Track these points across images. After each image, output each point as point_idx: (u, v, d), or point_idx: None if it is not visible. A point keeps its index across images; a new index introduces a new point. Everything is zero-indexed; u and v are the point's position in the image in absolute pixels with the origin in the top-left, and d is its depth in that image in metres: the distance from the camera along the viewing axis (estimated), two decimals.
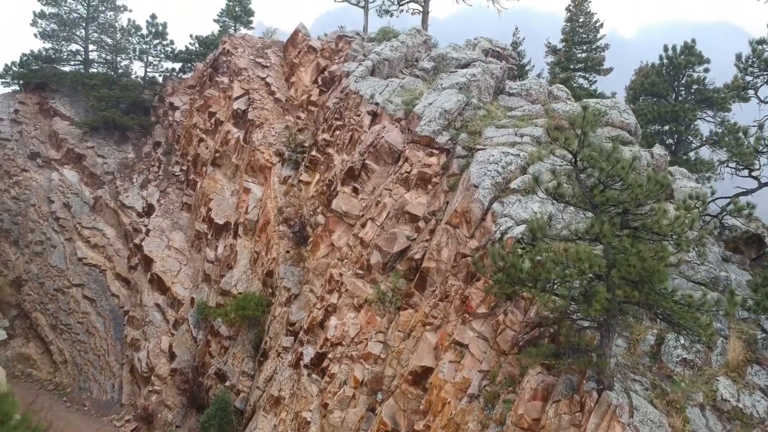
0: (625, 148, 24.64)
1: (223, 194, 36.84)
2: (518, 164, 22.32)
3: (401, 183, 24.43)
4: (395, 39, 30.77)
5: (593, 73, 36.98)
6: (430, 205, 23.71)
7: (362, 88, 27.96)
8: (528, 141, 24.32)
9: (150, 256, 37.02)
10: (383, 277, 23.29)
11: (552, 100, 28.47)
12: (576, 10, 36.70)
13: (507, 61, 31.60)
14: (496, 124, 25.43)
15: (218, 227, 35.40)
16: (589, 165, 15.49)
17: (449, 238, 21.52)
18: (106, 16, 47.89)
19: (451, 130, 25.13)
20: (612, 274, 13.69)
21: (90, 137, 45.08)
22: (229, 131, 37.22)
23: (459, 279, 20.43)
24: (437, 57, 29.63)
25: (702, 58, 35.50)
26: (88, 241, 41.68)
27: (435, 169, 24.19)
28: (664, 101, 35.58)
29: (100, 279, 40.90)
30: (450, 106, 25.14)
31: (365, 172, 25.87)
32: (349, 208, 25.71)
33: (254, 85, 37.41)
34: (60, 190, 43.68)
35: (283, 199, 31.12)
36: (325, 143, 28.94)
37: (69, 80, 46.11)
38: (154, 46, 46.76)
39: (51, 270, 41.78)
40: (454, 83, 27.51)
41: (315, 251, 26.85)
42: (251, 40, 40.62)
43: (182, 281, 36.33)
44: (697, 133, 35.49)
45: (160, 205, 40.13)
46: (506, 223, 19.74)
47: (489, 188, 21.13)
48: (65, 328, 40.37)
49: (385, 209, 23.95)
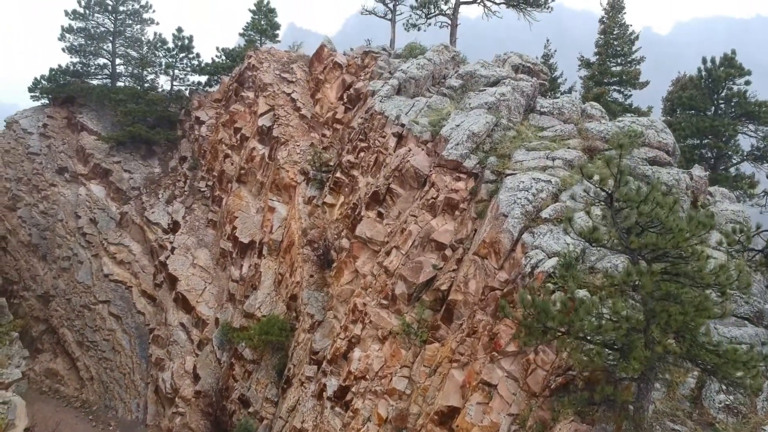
0: (663, 171, 23.65)
1: (248, 212, 36.30)
2: (550, 191, 21.32)
3: (427, 209, 23.57)
4: (422, 56, 29.86)
5: (629, 87, 35.67)
6: (457, 233, 22.82)
7: (387, 109, 27.14)
8: (560, 165, 23.27)
9: (175, 274, 36.64)
10: (408, 307, 22.48)
11: (585, 119, 27.33)
12: (610, 22, 35.43)
13: (538, 76, 30.49)
14: (526, 146, 24.41)
15: (243, 246, 34.87)
16: (626, 205, 14.51)
17: (477, 269, 20.63)
18: (132, 30, 47.80)
19: (479, 153, 24.18)
20: (651, 329, 12.74)
21: (117, 152, 44.99)
22: (254, 148, 36.68)
23: (487, 314, 19.54)
24: (465, 74, 28.68)
25: (743, 70, 34.07)
26: (114, 257, 41.54)
27: (462, 195, 23.28)
28: (703, 115, 34.18)
29: (126, 296, 40.72)
30: (478, 128, 24.19)
31: (390, 197, 25.05)
32: (374, 234, 24.91)
33: (279, 101, 36.82)
34: (87, 206, 43.63)
35: (307, 221, 30.44)
36: (349, 165, 28.18)
37: (96, 95, 46.10)
38: (180, 60, 46.51)
39: (78, 286, 41.74)
40: (482, 103, 26.54)
41: (339, 277, 26.11)
42: (277, 54, 40.06)
43: (207, 300, 35.88)
44: (738, 149, 34.02)
45: (186, 221, 39.76)
46: (537, 256, 18.80)
47: (519, 217, 20.18)
48: (91, 345, 40.28)
49: (410, 237, 23.11)
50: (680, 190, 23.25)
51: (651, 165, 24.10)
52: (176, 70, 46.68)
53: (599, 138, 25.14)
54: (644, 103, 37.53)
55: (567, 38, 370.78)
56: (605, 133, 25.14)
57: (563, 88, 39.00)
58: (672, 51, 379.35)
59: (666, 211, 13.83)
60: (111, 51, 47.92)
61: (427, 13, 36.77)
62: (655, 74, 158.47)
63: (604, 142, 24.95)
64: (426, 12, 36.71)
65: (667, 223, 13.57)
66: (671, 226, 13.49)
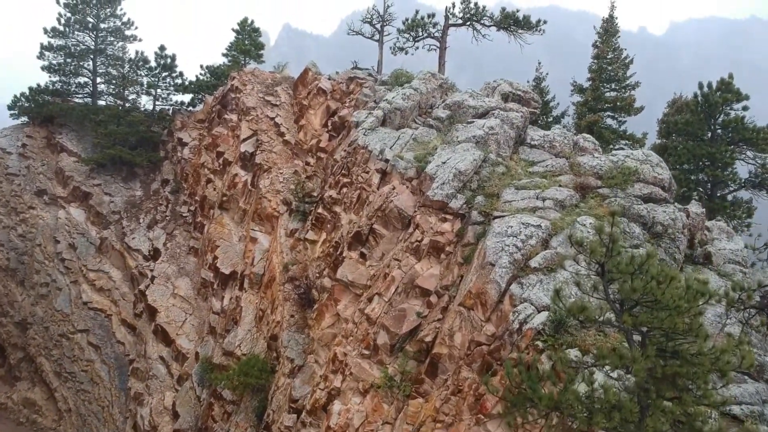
0: (659, 209, 22.53)
1: (230, 240, 35.11)
2: (539, 237, 20.20)
3: (411, 252, 22.42)
4: (408, 86, 28.65)
5: (623, 114, 34.53)
6: (442, 278, 21.68)
7: (371, 143, 25.96)
8: (551, 205, 22.19)
9: (154, 305, 35.40)
10: (391, 358, 21.32)
11: (578, 152, 26.19)
12: (604, 47, 34.27)
13: (529, 105, 29.34)
14: (515, 184, 23.29)
15: (224, 277, 33.70)
16: (619, 276, 13.42)
17: (462, 321, 19.51)
18: (114, 47, 46.43)
19: (466, 192, 23.06)
20: (647, 424, 11.67)
21: (97, 174, 43.72)
22: (236, 174, 35.50)
23: (473, 370, 18.44)
24: (453, 105, 27.52)
25: (740, 95, 32.97)
26: (94, 284, 40.26)
27: (448, 237, 22.16)
28: (699, 141, 33.08)
29: (106, 324, 39.45)
30: (465, 166, 23.06)
31: (373, 237, 23.91)
32: (356, 277, 23.73)
33: (263, 126, 35.64)
34: (66, 230, 42.32)
35: (289, 255, 29.25)
36: (331, 201, 27.00)
37: (76, 115, 44.74)
38: (163, 79, 45.23)
39: (56, 314, 40.43)
40: (470, 136, 25.41)
41: (320, 320, 24.93)
42: (260, 76, 38.85)
43: (187, 333, 34.65)
44: (735, 177, 32.92)
45: (167, 249, 38.51)
46: (525, 311, 17.70)
47: (506, 267, 19.05)
48: (69, 376, 38.99)
49: (393, 283, 21.96)
50: (676, 229, 22.18)
51: (646, 203, 23.04)
52: (159, 90, 45.38)
53: (592, 173, 24.08)
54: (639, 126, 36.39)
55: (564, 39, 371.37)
56: (598, 169, 24.08)
57: (555, 112, 37.84)
58: (667, 51, 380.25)
59: (664, 287, 12.70)
60: (92, 69, 46.58)
61: (415, 37, 35.61)
62: (652, 75, 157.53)
63: (597, 178, 23.91)
64: (414, 35, 35.57)
65: (662, 300, 12.50)
66: (667, 302, 12.43)
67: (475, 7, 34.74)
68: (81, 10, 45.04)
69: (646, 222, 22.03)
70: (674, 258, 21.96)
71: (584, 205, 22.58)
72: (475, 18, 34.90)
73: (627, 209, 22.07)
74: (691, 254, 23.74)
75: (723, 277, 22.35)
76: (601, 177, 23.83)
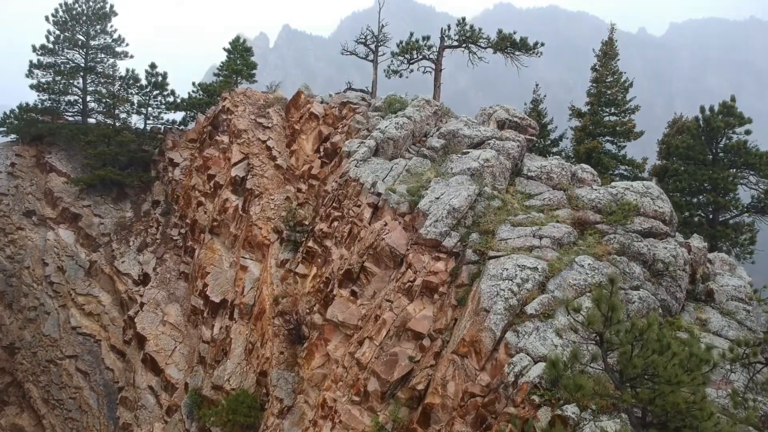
0: (660, 245, 21.74)
1: (220, 266, 34.28)
2: (536, 280, 19.38)
3: (403, 292, 21.61)
4: (402, 114, 27.81)
5: (623, 139, 33.72)
6: (436, 320, 20.88)
7: (363, 175, 25.15)
8: (548, 244, 21.40)
9: (143, 333, 34.55)
10: (382, 405, 20.49)
11: (576, 183, 25.44)
12: (603, 70, 33.44)
13: (526, 132, 28.57)
14: (511, 220, 22.50)
15: (214, 305, 32.85)
16: (619, 346, 12.72)
17: (456, 370, 18.70)
18: (104, 65, 45.57)
19: (460, 229, 22.27)
20: None
21: (87, 194, 42.89)
22: (227, 199, 34.68)
23: (467, 423, 17.63)
24: (447, 134, 26.73)
25: (743, 119, 32.18)
26: (83, 308, 39.44)
27: (442, 277, 21.35)
28: (701, 167, 32.30)
29: (95, 350, 38.62)
30: (459, 202, 22.26)
31: (365, 275, 23.10)
32: (346, 317, 22.91)
33: (254, 149, 34.82)
34: (55, 252, 41.49)
35: (279, 287, 28.44)
36: (322, 234, 26.19)
37: (65, 135, 43.92)
38: (154, 97, 44.43)
39: (44, 339, 39.60)
40: (465, 168, 24.63)
41: (310, 360, 24.10)
42: (253, 96, 38.03)
43: (177, 362, 33.81)
44: (738, 203, 32.12)
45: (156, 273, 37.66)
46: (521, 362, 16.91)
47: (501, 313, 18.25)
48: (57, 403, 38.15)
49: (384, 326, 21.14)
50: (678, 267, 21.41)
51: (646, 237, 22.27)
52: (150, 108, 44.56)
53: (591, 207, 23.33)
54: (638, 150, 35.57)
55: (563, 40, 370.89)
56: (597, 202, 23.32)
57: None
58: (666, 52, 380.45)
59: (666, 361, 11.99)
60: (82, 88, 45.74)
61: (410, 59, 34.79)
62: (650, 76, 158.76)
63: (596, 212, 23.15)
64: (408, 58, 34.74)
65: (664, 375, 11.79)
66: (669, 376, 11.73)
67: (471, 29, 33.99)
68: (70, 27, 44.23)
69: (647, 260, 21.28)
70: (675, 297, 21.19)
71: (582, 243, 21.82)
72: (470, 40, 34.13)
73: (627, 247, 21.31)
74: (693, 290, 23.01)
75: (726, 316, 21.65)
76: (600, 211, 23.08)
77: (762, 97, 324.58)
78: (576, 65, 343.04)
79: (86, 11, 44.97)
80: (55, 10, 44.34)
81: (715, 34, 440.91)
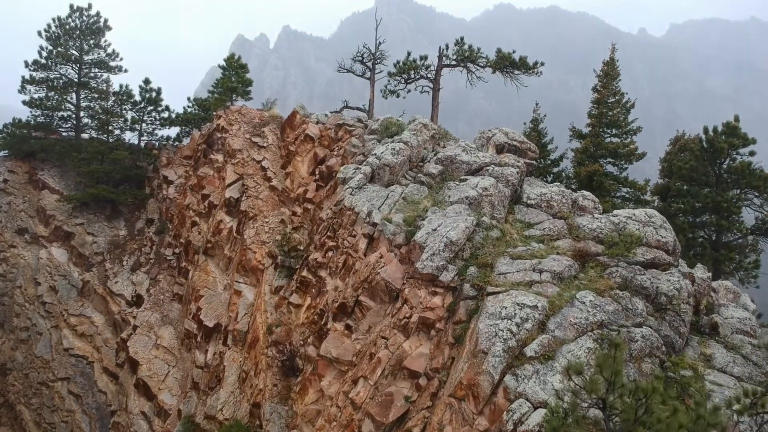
0: (663, 278, 21.09)
1: (215, 289, 33.63)
2: (536, 319, 18.71)
3: (399, 329, 20.98)
4: (399, 139, 27.13)
5: (624, 162, 33.04)
6: (432, 358, 20.25)
7: (358, 203, 24.51)
8: (548, 278, 20.76)
9: (136, 358, 33.87)
10: None
11: (577, 211, 24.79)
12: (604, 90, 32.76)
13: (526, 155, 27.93)
14: (510, 252, 21.85)
15: (208, 329, 32.19)
16: (622, 412, 12.13)
17: (453, 413, 18.04)
18: (98, 80, 44.90)
19: (457, 262, 21.64)
20: None
21: (80, 212, 42.23)
22: (221, 220, 34.04)
23: None
24: (445, 159, 26.10)
25: (747, 140, 31.55)
26: (75, 329, 38.77)
27: (439, 313, 20.72)
28: (704, 188, 31.68)
29: (88, 372, 37.93)
30: (457, 235, 21.63)
31: (359, 309, 22.47)
32: (341, 353, 22.26)
33: (249, 170, 34.17)
34: (47, 271, 40.83)
35: (273, 315, 27.80)
36: (317, 264, 25.54)
37: (58, 151, 43.26)
38: (148, 113, 43.79)
39: (36, 360, 38.93)
40: (463, 197, 24.01)
41: (303, 395, 23.45)
42: (248, 115, 37.37)
43: (170, 387, 33.14)
44: (742, 227, 31.48)
45: (150, 295, 37.00)
46: (520, 409, 16.29)
47: (500, 355, 17.59)
48: (49, 426, 37.47)
49: (380, 365, 20.51)
50: (681, 300, 20.79)
51: (649, 269, 21.65)
52: (144, 124, 43.88)
53: (592, 237, 22.75)
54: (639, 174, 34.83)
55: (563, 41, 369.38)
56: (598, 232, 22.74)
57: (554, 155, 36.31)
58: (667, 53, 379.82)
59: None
60: (75, 103, 45.09)
61: (407, 79, 34.13)
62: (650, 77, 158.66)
63: (598, 242, 22.56)
64: (406, 78, 34.09)
65: None
66: None
67: (470, 49, 33.32)
68: (63, 43, 43.57)
69: (650, 294, 20.65)
70: (679, 332, 20.57)
71: (584, 276, 21.19)
72: (469, 59, 33.46)
73: (629, 281, 20.69)
74: (697, 321, 22.43)
75: (731, 351, 21.10)
76: (602, 241, 22.50)
77: (762, 98, 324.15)
78: (576, 66, 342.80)
79: (80, 26, 44.32)
80: (47, 25, 43.79)
81: (716, 35, 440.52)
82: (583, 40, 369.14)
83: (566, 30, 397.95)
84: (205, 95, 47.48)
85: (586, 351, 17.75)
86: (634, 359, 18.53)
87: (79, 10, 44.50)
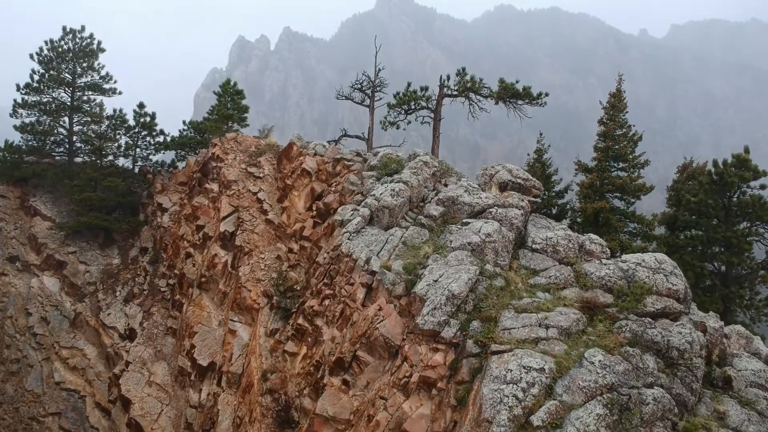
0: (674, 330, 20.12)
1: (209, 324, 32.66)
2: (543, 383, 17.70)
3: (399, 388, 20.00)
4: (398, 178, 26.14)
5: (632, 197, 32.07)
6: (433, 420, 19.27)
7: (356, 249, 23.56)
8: (555, 335, 19.79)
9: (128, 396, 32.88)
10: None
11: (584, 256, 23.83)
12: (611, 123, 31.76)
13: (530, 193, 26.96)
14: (515, 305, 20.88)
15: (202, 368, 31.23)
16: None
17: None
18: (90, 104, 43.96)
19: (460, 316, 20.66)
20: None
21: (72, 240, 41.31)
22: (216, 254, 33.09)
23: None
24: (447, 200, 25.15)
25: (758, 172, 30.57)
26: (67, 362, 37.79)
27: (440, 371, 19.74)
28: (714, 223, 30.72)
29: (79, 406, 36.94)
30: (459, 288, 20.65)
31: (357, 364, 21.49)
32: (337, 411, 21.27)
33: (244, 202, 33.23)
34: (39, 301, 39.86)
35: (269, 359, 26.82)
36: (313, 312, 24.58)
37: (51, 177, 42.34)
38: (143, 138, 42.86)
39: (27, 394, 37.93)
40: (465, 243, 23.06)
41: None
42: (244, 143, 36.43)
43: (163, 426, 32.12)
44: (753, 263, 30.50)
45: (143, 329, 36.03)
46: None
47: (505, 425, 16.60)
48: None
49: (378, 428, 19.50)
50: (693, 353, 19.81)
51: (659, 319, 20.76)
52: (138, 149, 42.95)
53: (600, 285, 21.83)
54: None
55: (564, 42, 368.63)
56: (607, 280, 21.83)
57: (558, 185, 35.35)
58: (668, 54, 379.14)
59: None
60: (68, 127, 44.17)
61: (408, 110, 33.19)
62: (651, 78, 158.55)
63: (606, 292, 21.62)
64: (406, 108, 33.16)
65: None
66: None
67: (471, 79, 32.37)
68: (56, 66, 42.66)
69: (661, 348, 19.67)
70: (692, 389, 19.57)
71: (592, 331, 20.21)
72: (471, 90, 32.52)
73: (639, 336, 19.69)
74: (710, 373, 21.44)
75: (745, 407, 20.10)
76: (610, 290, 21.60)
77: (763, 99, 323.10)
78: (577, 67, 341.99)
79: (73, 48, 43.44)
80: (39, 48, 42.91)
81: (717, 36, 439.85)
82: (584, 41, 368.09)
83: (567, 31, 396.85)
84: (206, 97, 46.85)
85: (596, 418, 16.75)
86: (646, 423, 17.55)
87: (72, 32, 43.66)
